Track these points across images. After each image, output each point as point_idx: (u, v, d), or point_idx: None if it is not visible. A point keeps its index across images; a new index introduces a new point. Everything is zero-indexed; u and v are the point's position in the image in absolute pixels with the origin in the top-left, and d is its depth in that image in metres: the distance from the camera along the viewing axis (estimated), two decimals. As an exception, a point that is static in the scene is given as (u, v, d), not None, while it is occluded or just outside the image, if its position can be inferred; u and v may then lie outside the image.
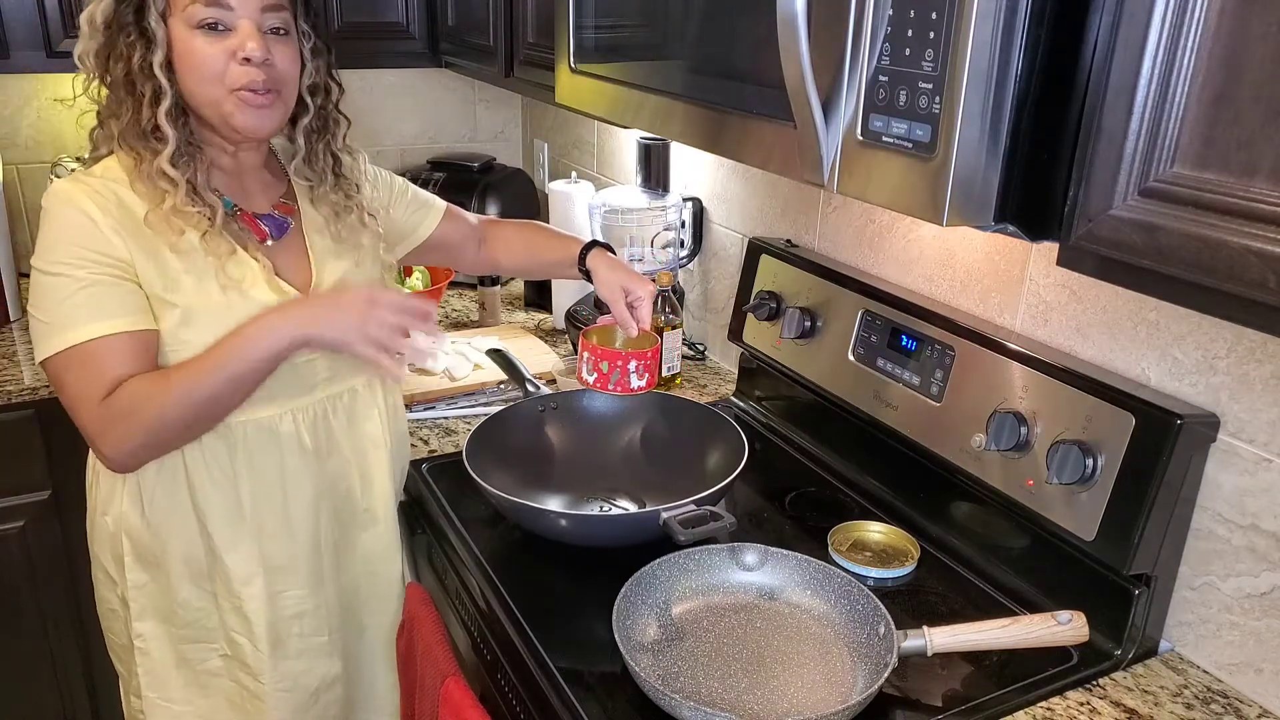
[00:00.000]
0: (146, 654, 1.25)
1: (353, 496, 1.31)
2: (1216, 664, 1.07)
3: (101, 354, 1.08)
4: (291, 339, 1.11)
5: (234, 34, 1.10)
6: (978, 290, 1.30)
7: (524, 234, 1.57)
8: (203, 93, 1.11)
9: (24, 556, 1.82)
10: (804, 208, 1.61)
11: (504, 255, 1.56)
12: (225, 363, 1.10)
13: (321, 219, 1.27)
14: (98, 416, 1.08)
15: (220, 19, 1.10)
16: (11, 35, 1.86)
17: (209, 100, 1.12)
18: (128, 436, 1.09)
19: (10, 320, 2.02)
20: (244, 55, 1.10)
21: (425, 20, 2.17)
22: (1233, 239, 0.64)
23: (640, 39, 1.20)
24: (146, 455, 1.13)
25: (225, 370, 1.10)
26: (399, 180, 1.47)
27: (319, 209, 1.27)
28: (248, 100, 1.12)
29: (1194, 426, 1.01)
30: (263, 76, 1.11)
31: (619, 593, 1.06)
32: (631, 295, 1.34)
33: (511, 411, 1.44)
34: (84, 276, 1.07)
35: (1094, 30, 0.72)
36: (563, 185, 2.03)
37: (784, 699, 0.98)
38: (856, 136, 0.84)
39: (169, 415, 1.09)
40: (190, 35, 1.09)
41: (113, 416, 1.08)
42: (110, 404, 1.08)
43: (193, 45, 1.09)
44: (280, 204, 1.25)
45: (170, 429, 1.11)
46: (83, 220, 1.08)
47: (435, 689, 1.14)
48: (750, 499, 1.40)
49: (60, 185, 1.11)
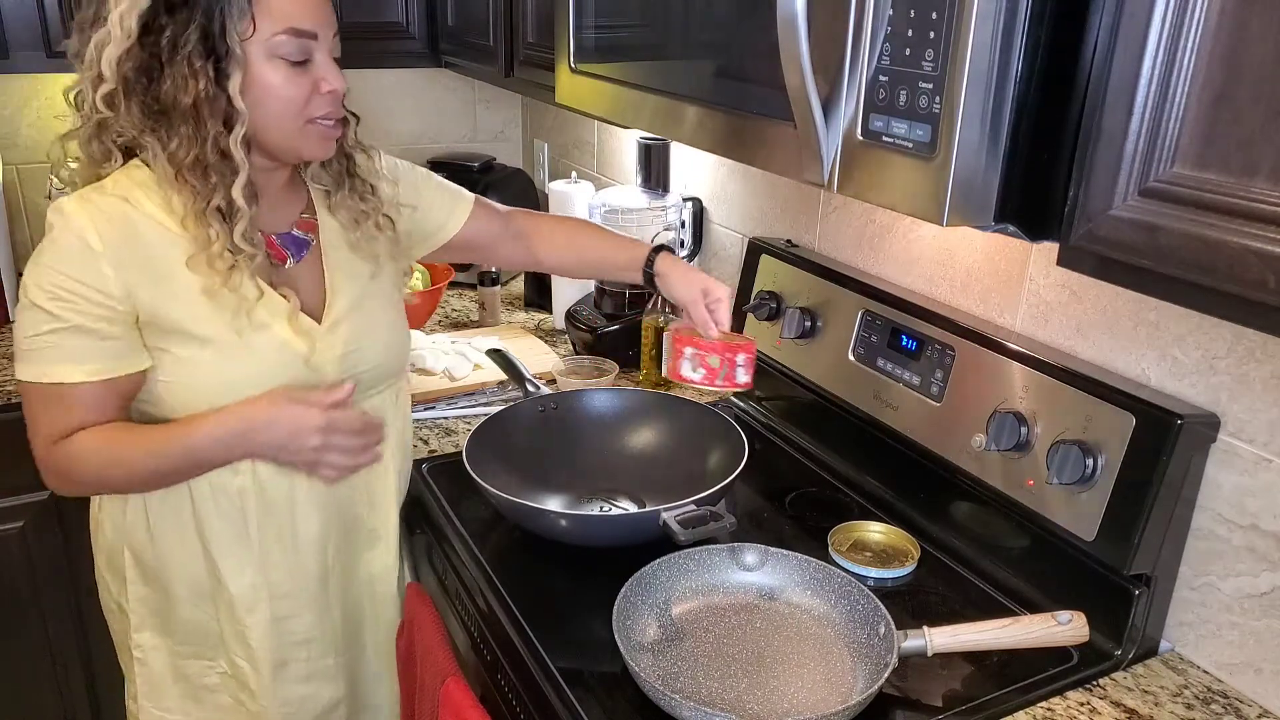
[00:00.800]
0: (145, 664, 1.24)
1: (360, 519, 1.28)
2: (1216, 664, 1.07)
3: (66, 398, 1.05)
4: (244, 455, 1.11)
5: (312, 64, 1.06)
6: (978, 290, 1.30)
7: (569, 232, 1.49)
8: (279, 125, 1.06)
9: (24, 556, 1.82)
10: (804, 208, 1.61)
11: (546, 253, 1.47)
12: (172, 455, 1.08)
13: (340, 226, 1.21)
14: (47, 455, 1.08)
15: (307, 52, 1.05)
16: (11, 35, 1.86)
17: (284, 131, 1.07)
18: (69, 482, 1.11)
19: (10, 320, 2.02)
20: (329, 89, 1.07)
21: (425, 20, 2.17)
22: (1233, 239, 0.64)
23: (640, 39, 1.20)
24: (88, 494, 1.15)
25: (170, 461, 1.09)
26: (422, 171, 1.39)
27: (337, 215, 1.22)
28: (325, 131, 1.09)
29: (1194, 426, 1.01)
30: (339, 104, 1.10)
31: (619, 593, 1.06)
32: (710, 297, 1.30)
33: (511, 411, 1.44)
34: (63, 316, 1.02)
35: (1094, 30, 0.72)
36: (563, 185, 2.03)
37: (784, 699, 0.98)
38: (856, 136, 0.84)
39: (111, 479, 1.11)
40: (270, 65, 1.03)
41: (60, 461, 1.08)
42: (61, 449, 1.07)
43: (273, 77, 1.03)
44: (301, 220, 1.20)
45: (111, 488, 1.14)
46: (80, 249, 1.01)
47: (435, 690, 1.14)
48: (750, 499, 1.40)
49: (67, 205, 1.04)
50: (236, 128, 1.03)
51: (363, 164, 1.23)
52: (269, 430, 1.09)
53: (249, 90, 1.03)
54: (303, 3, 1.05)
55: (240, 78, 1.01)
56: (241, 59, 1.01)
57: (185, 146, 1.02)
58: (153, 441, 1.08)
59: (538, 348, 1.92)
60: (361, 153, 1.23)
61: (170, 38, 0.99)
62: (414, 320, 1.97)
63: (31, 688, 1.90)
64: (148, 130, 1.03)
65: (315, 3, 1.07)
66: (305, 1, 1.05)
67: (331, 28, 1.09)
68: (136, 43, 0.99)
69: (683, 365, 1.30)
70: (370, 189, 1.23)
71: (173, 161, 1.03)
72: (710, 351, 1.29)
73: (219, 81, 1.01)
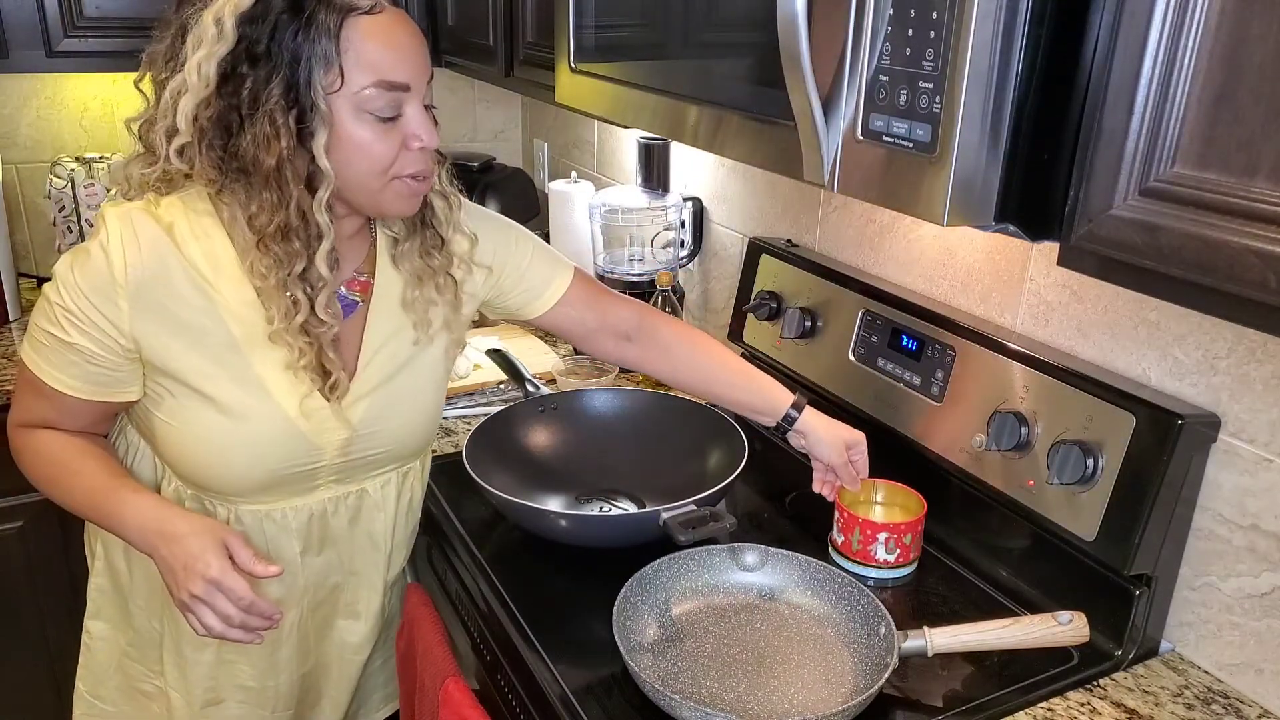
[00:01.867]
0: (90, 650, 1.23)
1: (338, 591, 1.20)
2: (1217, 664, 1.07)
3: (46, 395, 1.03)
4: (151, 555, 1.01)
5: (402, 117, 0.97)
6: (978, 290, 1.30)
7: (696, 351, 1.30)
8: (364, 183, 0.97)
9: (24, 556, 1.82)
10: (804, 208, 1.61)
11: (659, 367, 1.31)
12: (100, 510, 1.04)
13: (400, 284, 1.10)
14: (12, 433, 1.10)
15: (398, 107, 0.95)
16: (11, 35, 1.86)
17: (368, 189, 0.98)
18: (18, 464, 1.10)
19: (10, 320, 2.02)
20: (421, 145, 0.97)
21: (425, 20, 2.17)
22: (1233, 239, 0.64)
23: (640, 39, 1.20)
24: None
25: (97, 514, 1.05)
26: (517, 232, 1.23)
27: (400, 268, 1.10)
28: (412, 188, 1.00)
29: (1195, 426, 1.01)
30: (430, 160, 1.01)
31: (619, 593, 1.06)
32: (854, 450, 1.22)
33: (511, 411, 1.44)
34: (66, 329, 0.98)
35: (1094, 30, 0.72)
36: (563, 185, 2.03)
37: (784, 699, 0.98)
38: (856, 136, 0.84)
39: (47, 489, 1.09)
40: (357, 120, 0.94)
41: (17, 444, 1.09)
42: (23, 436, 1.08)
43: (360, 132, 0.94)
44: (355, 278, 1.09)
45: (46, 494, 1.10)
46: (104, 274, 0.95)
47: (435, 690, 1.14)
48: (750, 499, 1.40)
49: (111, 217, 0.96)
50: (320, 191, 0.94)
51: (440, 211, 1.10)
52: (174, 549, 0.98)
53: (334, 149, 0.94)
54: (397, 51, 0.95)
55: (326, 136, 0.93)
56: (327, 115, 0.92)
57: (268, 212, 0.94)
58: (93, 490, 1.04)
59: (538, 348, 1.92)
60: (441, 199, 1.10)
61: (251, 90, 0.91)
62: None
63: (31, 688, 1.90)
64: (225, 189, 0.97)
65: (411, 51, 0.96)
66: (400, 50, 0.95)
67: (425, 76, 0.98)
68: (215, 92, 0.92)
69: (877, 550, 1.20)
70: (441, 241, 1.11)
71: (253, 227, 0.95)
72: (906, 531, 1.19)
73: (302, 140, 0.93)
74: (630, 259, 1.83)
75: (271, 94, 0.90)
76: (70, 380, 1.02)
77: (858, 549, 1.20)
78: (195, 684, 1.18)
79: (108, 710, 1.25)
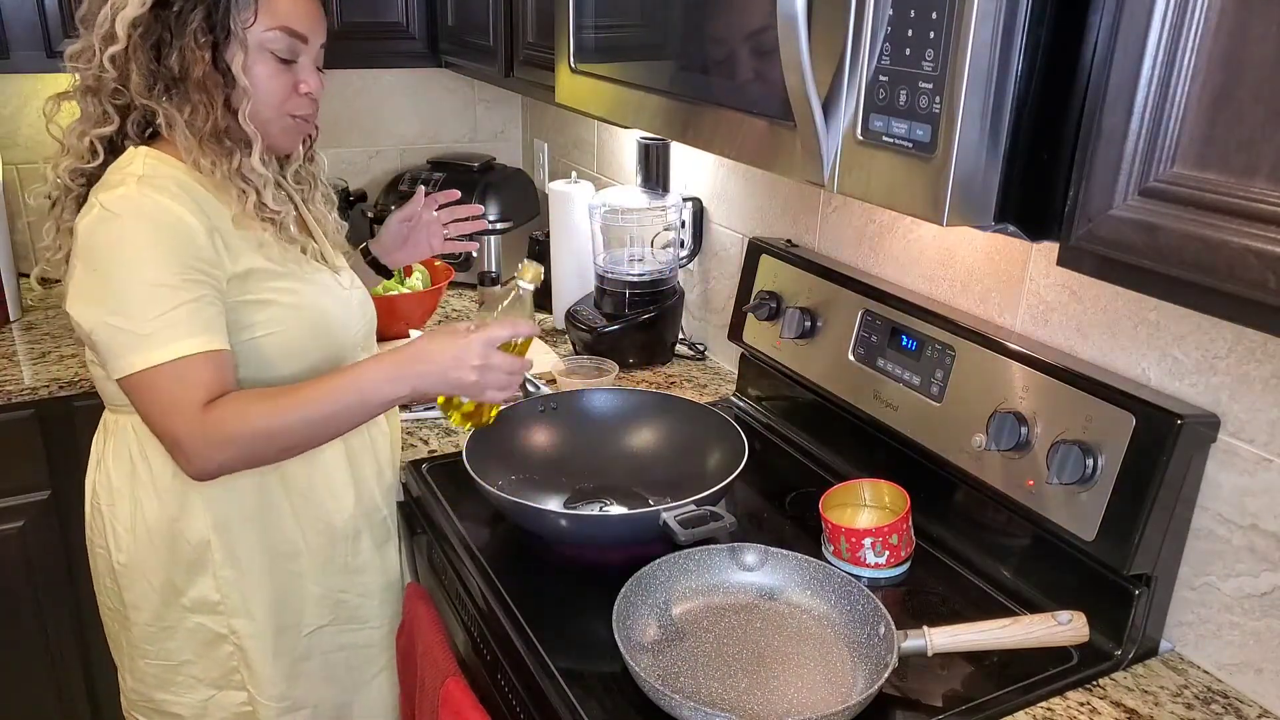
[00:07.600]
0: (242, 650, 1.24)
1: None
2: (1217, 664, 1.07)
3: (200, 368, 1.05)
4: (411, 391, 1.12)
5: (296, 65, 1.15)
6: (978, 290, 1.30)
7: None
8: (258, 112, 1.12)
9: (23, 557, 1.82)
10: (804, 208, 1.61)
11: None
12: (341, 397, 1.10)
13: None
14: (196, 426, 1.05)
15: (294, 53, 1.14)
16: (11, 35, 1.87)
17: (260, 118, 1.13)
18: (224, 447, 1.06)
19: (10, 320, 2.02)
20: (307, 91, 1.16)
21: (425, 20, 2.17)
22: (1233, 239, 0.64)
23: (640, 39, 1.20)
24: (234, 468, 1.11)
25: (340, 404, 1.10)
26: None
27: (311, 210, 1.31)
28: (298, 128, 1.19)
29: (1194, 426, 1.01)
30: (315, 107, 1.19)
31: (619, 593, 1.06)
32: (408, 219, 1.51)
33: (511, 411, 1.44)
34: (188, 289, 1.05)
35: (1094, 30, 0.72)
36: (563, 185, 2.03)
37: (784, 699, 0.98)
38: (856, 136, 0.84)
39: (274, 431, 1.08)
40: (260, 56, 1.11)
41: (213, 426, 1.05)
42: (214, 414, 1.05)
43: (260, 69, 1.12)
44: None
45: (273, 446, 1.10)
46: (180, 227, 1.06)
47: (435, 689, 1.14)
48: (750, 499, 1.40)
49: (135, 193, 1.06)
50: (245, 102, 1.10)
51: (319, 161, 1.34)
52: (430, 365, 1.12)
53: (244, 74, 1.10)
54: (302, 6, 1.14)
55: (242, 59, 1.09)
56: (243, 41, 1.09)
57: (202, 115, 1.09)
58: (317, 388, 1.10)
59: (537, 348, 1.92)
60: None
61: (180, 14, 1.06)
62: (414, 320, 1.98)
63: (31, 687, 1.90)
64: (161, 97, 1.09)
65: (312, 9, 1.16)
66: (304, 6, 1.14)
67: (321, 38, 1.18)
68: (150, 11, 1.06)
69: (866, 555, 1.20)
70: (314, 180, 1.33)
71: (192, 129, 1.09)
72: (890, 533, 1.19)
73: (216, 61, 1.08)
74: (630, 259, 1.83)
75: (194, 18, 1.07)
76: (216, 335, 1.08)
77: (847, 555, 1.21)
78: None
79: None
